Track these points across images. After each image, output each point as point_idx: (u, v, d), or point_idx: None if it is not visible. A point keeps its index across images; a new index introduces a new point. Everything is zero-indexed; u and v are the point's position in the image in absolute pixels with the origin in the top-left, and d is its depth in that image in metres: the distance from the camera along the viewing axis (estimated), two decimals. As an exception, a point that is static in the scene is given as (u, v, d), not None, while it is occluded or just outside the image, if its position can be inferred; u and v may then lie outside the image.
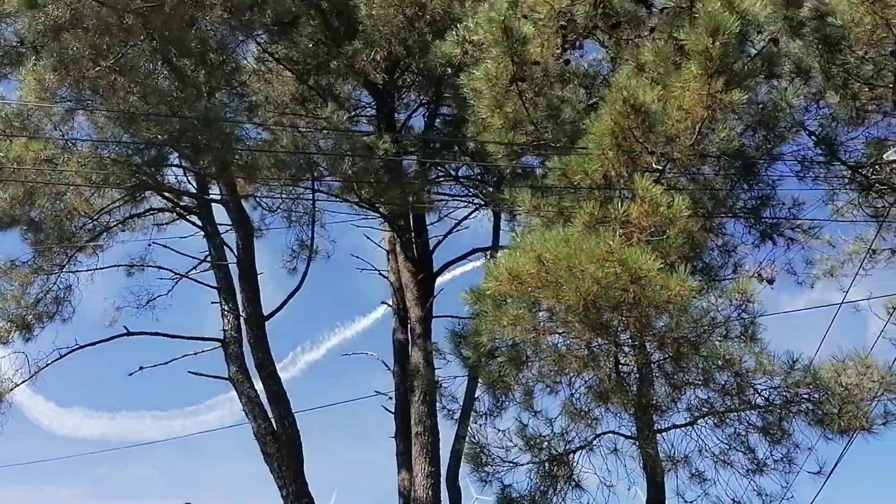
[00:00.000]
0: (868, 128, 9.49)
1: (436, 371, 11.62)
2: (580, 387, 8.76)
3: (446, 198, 13.73)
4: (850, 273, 10.24)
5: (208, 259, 13.02)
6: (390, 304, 13.86)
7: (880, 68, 8.62)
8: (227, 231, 12.86)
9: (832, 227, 10.94)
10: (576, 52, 9.61)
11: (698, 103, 7.36)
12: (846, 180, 9.36)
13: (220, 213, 12.94)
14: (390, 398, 13.07)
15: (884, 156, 8.52)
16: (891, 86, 8.71)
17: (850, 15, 8.37)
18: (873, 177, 8.70)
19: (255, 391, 12.04)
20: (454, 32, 9.52)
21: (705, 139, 7.62)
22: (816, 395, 7.56)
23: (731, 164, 8.45)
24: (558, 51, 9.16)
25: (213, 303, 12.62)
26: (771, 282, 9.84)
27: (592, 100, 9.43)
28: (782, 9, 8.59)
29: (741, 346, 7.55)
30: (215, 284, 12.67)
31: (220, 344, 12.27)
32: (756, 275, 9.76)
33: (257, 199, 13.74)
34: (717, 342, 7.59)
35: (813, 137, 9.35)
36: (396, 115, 13.49)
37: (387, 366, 13.27)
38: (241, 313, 12.27)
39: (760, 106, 8.37)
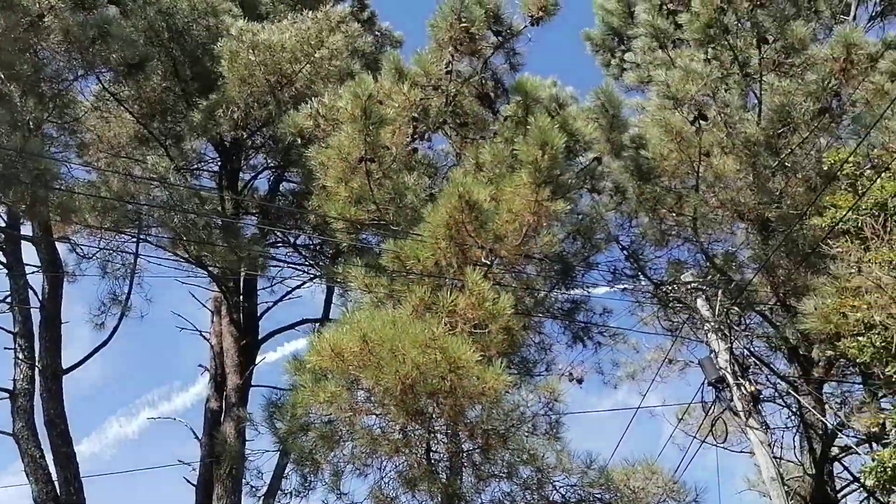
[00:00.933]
0: (671, 249, 10.61)
1: (246, 444, 11.12)
2: (390, 471, 8.72)
3: (281, 265, 13.50)
4: (649, 378, 11.17)
5: (7, 300, 11.82)
6: (208, 368, 13.20)
7: (683, 199, 9.72)
8: (33, 272, 11.81)
9: (637, 334, 11.94)
10: (424, 143, 10.06)
11: (526, 208, 7.90)
12: (650, 294, 10.33)
13: (30, 253, 11.90)
14: (193, 469, 12.27)
15: (681, 276, 9.53)
16: (691, 215, 9.83)
17: (659, 149, 9.45)
18: (671, 294, 9.67)
19: (41, 451, 10.87)
20: (308, 105, 9.67)
21: (530, 241, 8.13)
22: (607, 496, 8.01)
23: (552, 267, 9.07)
24: (408, 139, 9.55)
25: (6, 348, 11.41)
26: (580, 381, 10.49)
27: (434, 190, 9.86)
28: (607, 132, 9.52)
29: (545, 442, 7.90)
30: (12, 329, 11.49)
31: (7, 395, 11.04)
32: (567, 374, 10.37)
33: (73, 242, 12.77)
34: (524, 437, 7.90)
35: (624, 252, 10.28)
36: (241, 174, 13.26)
37: (195, 434, 12.50)
38: (36, 363, 11.16)
39: (581, 216, 9.13)
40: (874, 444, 9.33)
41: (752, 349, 10.22)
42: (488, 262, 8.11)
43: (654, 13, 11.54)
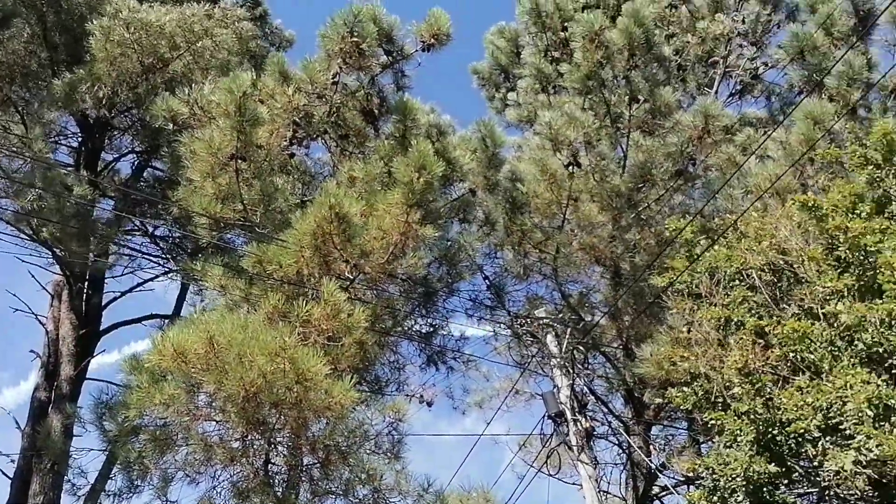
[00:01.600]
0: (530, 284, 11.04)
1: (73, 439, 10.39)
2: (224, 481, 8.43)
3: (136, 254, 12.81)
4: (496, 406, 11.50)
5: None
6: (41, 355, 12.25)
7: (548, 237, 10.15)
8: None
9: (489, 363, 12.25)
10: (302, 149, 9.93)
11: (396, 228, 7.97)
12: (505, 325, 10.68)
13: None
14: (12, 461, 11.30)
15: (535, 311, 9.93)
16: (553, 254, 10.27)
17: (533, 187, 9.83)
18: (525, 328, 10.03)
19: None
20: (186, 92, 9.31)
21: (396, 261, 8.19)
22: (442, 520, 8.12)
23: (415, 289, 9.19)
24: (286, 142, 9.39)
25: None
26: (430, 404, 10.60)
27: (307, 197, 9.73)
28: (484, 166, 9.80)
29: (386, 462, 7.92)
30: None
31: None
32: (418, 395, 10.46)
33: None
34: (365, 455, 7.88)
35: (487, 281, 10.59)
36: (104, 154, 12.51)
37: (17, 423, 11.54)
38: None
39: (449, 243, 9.33)
40: (691, 487, 10.03)
41: (592, 387, 10.77)
42: (351, 277, 8.08)
43: (539, 57, 12.05)
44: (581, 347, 9.90)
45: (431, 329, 10.34)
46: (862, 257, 7.15)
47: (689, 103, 11.82)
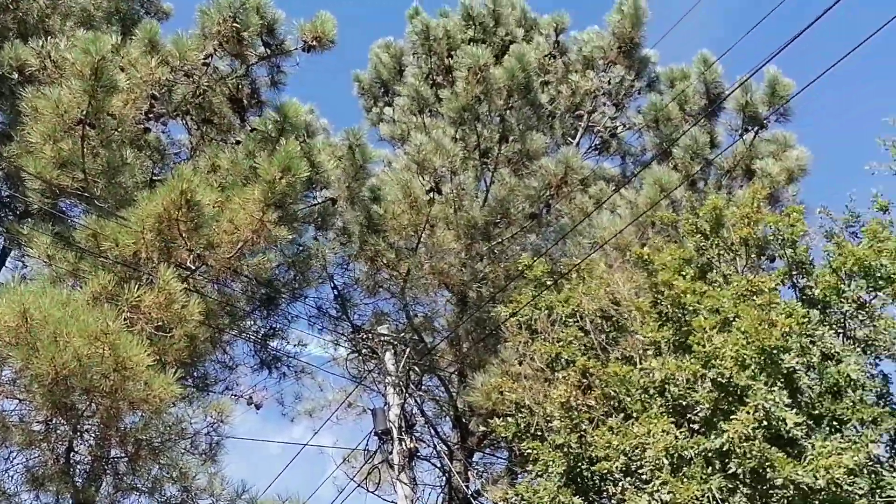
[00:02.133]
0: (378, 300, 11.08)
1: None
2: (19, 465, 7.78)
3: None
4: (325, 417, 11.38)
5: None
6: None
7: (401, 258, 10.27)
8: None
9: (325, 373, 12.14)
10: (159, 126, 9.44)
11: (249, 225, 7.73)
12: (347, 338, 10.63)
13: None
14: None
15: (379, 328, 9.96)
16: (404, 275, 10.40)
17: (394, 207, 9.92)
18: (366, 342, 10.04)
19: None
20: (40, 43, 8.62)
21: (244, 258, 7.95)
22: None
23: (259, 289, 8.95)
24: (142, 115, 8.90)
25: None
26: (258, 407, 10.32)
27: (158, 177, 9.25)
28: (350, 177, 9.78)
29: (201, 462, 7.61)
30: None
31: None
32: (247, 397, 10.16)
33: None
34: (180, 453, 7.54)
35: (335, 291, 10.51)
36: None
37: None
38: None
39: (302, 249, 9.18)
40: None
41: (423, 409, 10.91)
42: (192, 268, 7.75)
43: (420, 79, 12.24)
44: (417, 368, 10.03)
45: (270, 332, 10.10)
46: (680, 314, 7.79)
47: (554, 150, 12.42)
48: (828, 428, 6.82)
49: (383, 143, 14.02)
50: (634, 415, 7.29)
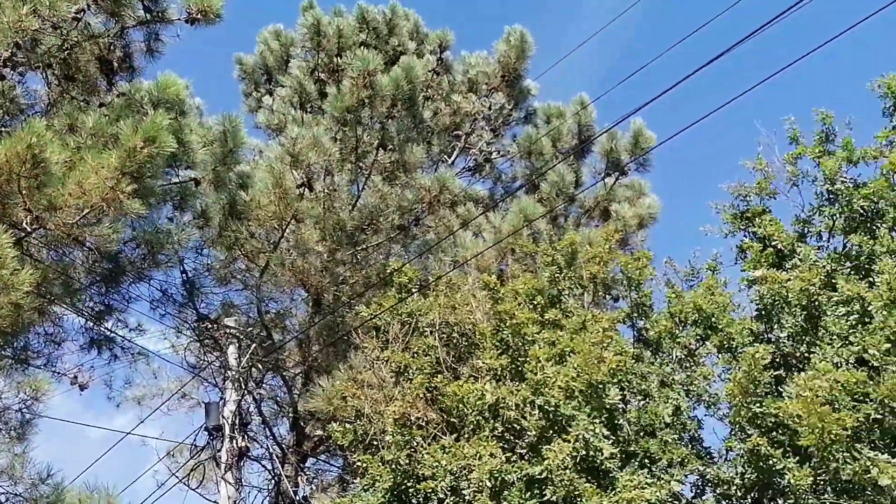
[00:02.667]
0: (230, 290, 10.69)
1: None
2: None
3: None
4: (155, 406, 10.80)
5: None
6: None
7: (262, 250, 9.99)
8: None
9: (162, 361, 11.51)
10: (16, 74, 8.69)
11: (100, 192, 7.22)
12: (190, 326, 10.15)
13: None
14: None
15: (225, 319, 9.61)
16: (261, 267, 10.13)
17: (261, 196, 9.65)
18: (210, 332, 9.65)
19: None
20: None
21: (88, 227, 7.42)
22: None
23: (101, 263, 8.36)
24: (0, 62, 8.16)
25: None
26: (83, 387, 9.63)
27: (5, 128, 8.49)
28: (218, 161, 9.40)
29: (6, 441, 6.98)
30: None
31: None
32: (72, 377, 9.46)
33: None
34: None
35: (184, 276, 10.03)
36: None
37: None
38: None
39: (155, 228, 8.67)
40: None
41: (261, 408, 10.59)
42: (29, 230, 7.14)
43: (306, 73, 12.04)
44: (261, 366, 9.75)
45: (106, 310, 9.46)
46: (520, 343, 8.08)
47: (429, 165, 12.57)
48: (637, 464, 7.25)
49: (258, 133, 13.65)
50: (466, 435, 7.44)
